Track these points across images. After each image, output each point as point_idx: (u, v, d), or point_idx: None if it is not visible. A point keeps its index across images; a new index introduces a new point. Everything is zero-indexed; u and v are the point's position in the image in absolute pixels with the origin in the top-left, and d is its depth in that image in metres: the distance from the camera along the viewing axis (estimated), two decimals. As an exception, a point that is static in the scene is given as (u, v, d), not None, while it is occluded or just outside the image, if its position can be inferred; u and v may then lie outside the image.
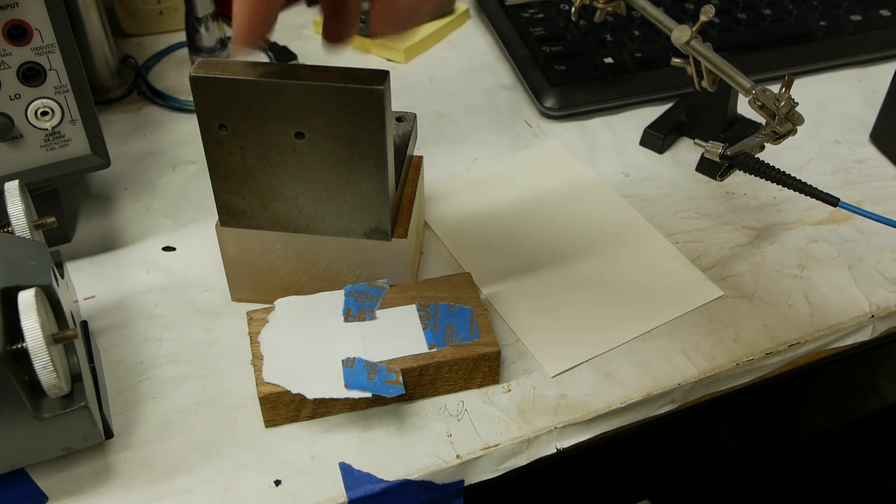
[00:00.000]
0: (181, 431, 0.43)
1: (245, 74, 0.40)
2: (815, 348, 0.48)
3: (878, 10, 0.69)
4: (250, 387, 0.44)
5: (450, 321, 0.44)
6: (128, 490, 0.40)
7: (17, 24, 0.43)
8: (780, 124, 0.47)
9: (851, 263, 0.51)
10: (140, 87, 0.67)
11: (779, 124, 0.47)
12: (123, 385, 0.45)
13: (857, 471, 0.87)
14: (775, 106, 0.47)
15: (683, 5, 0.69)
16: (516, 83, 0.67)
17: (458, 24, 0.74)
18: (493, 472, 0.43)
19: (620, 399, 0.44)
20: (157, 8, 0.72)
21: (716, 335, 0.47)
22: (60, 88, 0.46)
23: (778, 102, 0.47)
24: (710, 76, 0.52)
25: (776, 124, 0.47)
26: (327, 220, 0.45)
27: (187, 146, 0.61)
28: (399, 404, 0.44)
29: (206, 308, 0.49)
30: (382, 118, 0.40)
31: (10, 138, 0.46)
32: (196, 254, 0.52)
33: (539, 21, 0.68)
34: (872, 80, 0.66)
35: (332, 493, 0.40)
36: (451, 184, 0.57)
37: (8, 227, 0.40)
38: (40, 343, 0.34)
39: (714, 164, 0.51)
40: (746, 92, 0.49)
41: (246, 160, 0.43)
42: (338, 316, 0.44)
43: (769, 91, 0.48)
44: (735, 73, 0.50)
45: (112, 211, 0.56)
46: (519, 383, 0.45)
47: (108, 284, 0.50)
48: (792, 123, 0.47)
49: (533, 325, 0.47)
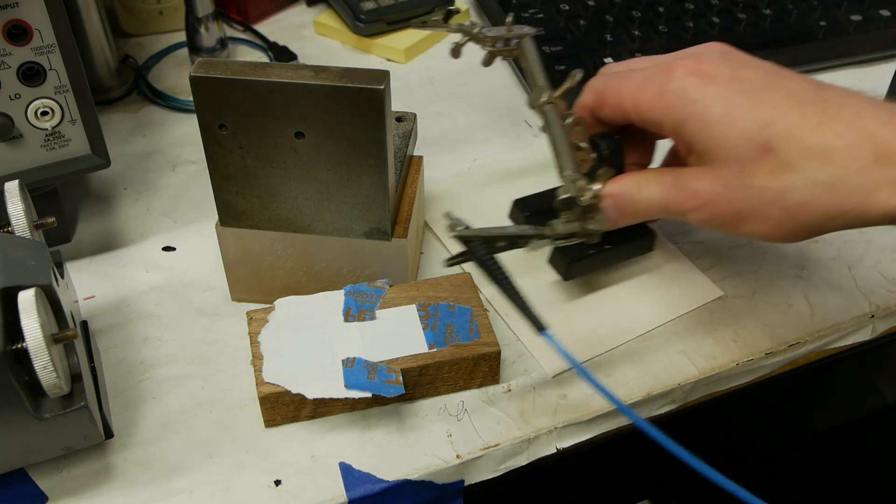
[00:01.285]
0: (181, 431, 0.43)
1: (245, 74, 0.40)
2: (815, 348, 0.48)
3: (878, 10, 0.69)
4: (250, 387, 0.44)
5: (450, 321, 0.44)
6: (128, 490, 0.40)
7: (17, 24, 0.43)
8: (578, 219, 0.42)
9: (851, 263, 0.51)
10: (140, 87, 0.67)
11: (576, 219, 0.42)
12: (123, 385, 0.45)
13: (857, 471, 0.87)
14: (579, 194, 0.41)
15: (683, 5, 0.69)
16: (516, 83, 0.67)
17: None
18: (493, 472, 0.43)
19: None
20: (157, 8, 0.72)
21: (716, 335, 0.47)
22: (60, 88, 0.46)
23: (580, 195, 0.41)
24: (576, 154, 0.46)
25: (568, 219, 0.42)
26: (327, 220, 0.45)
27: (187, 146, 0.61)
28: (399, 404, 0.44)
29: (206, 308, 0.49)
30: (382, 118, 0.40)
31: (10, 138, 0.46)
32: (196, 254, 0.52)
33: (539, 21, 0.68)
34: (872, 80, 0.66)
35: (332, 493, 0.40)
36: (451, 184, 0.57)
37: (8, 227, 0.40)
38: (40, 343, 0.34)
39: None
40: (560, 175, 0.43)
41: (246, 160, 0.43)
42: (338, 316, 0.44)
43: (583, 184, 0.42)
44: (567, 151, 0.44)
45: (112, 211, 0.56)
46: (519, 383, 0.45)
47: (108, 284, 0.50)
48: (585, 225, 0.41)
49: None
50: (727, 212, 0.39)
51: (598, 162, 0.45)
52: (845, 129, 0.36)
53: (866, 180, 0.36)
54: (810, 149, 0.36)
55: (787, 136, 0.37)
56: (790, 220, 0.37)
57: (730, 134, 0.38)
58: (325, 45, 0.72)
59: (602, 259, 0.48)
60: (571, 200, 0.41)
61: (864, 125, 0.36)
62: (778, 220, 0.38)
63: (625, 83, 0.42)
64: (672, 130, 0.41)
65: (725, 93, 0.39)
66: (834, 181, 0.36)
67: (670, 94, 0.40)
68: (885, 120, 0.36)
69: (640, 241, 0.49)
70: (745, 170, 0.38)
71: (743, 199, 0.38)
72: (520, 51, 0.48)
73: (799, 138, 0.37)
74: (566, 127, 0.44)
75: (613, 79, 0.43)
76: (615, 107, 0.43)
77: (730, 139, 0.38)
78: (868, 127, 0.36)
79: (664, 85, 0.40)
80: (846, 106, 0.37)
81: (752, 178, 0.37)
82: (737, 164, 0.38)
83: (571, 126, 0.44)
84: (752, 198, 0.38)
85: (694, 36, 0.67)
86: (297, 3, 0.77)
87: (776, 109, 0.37)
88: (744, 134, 0.38)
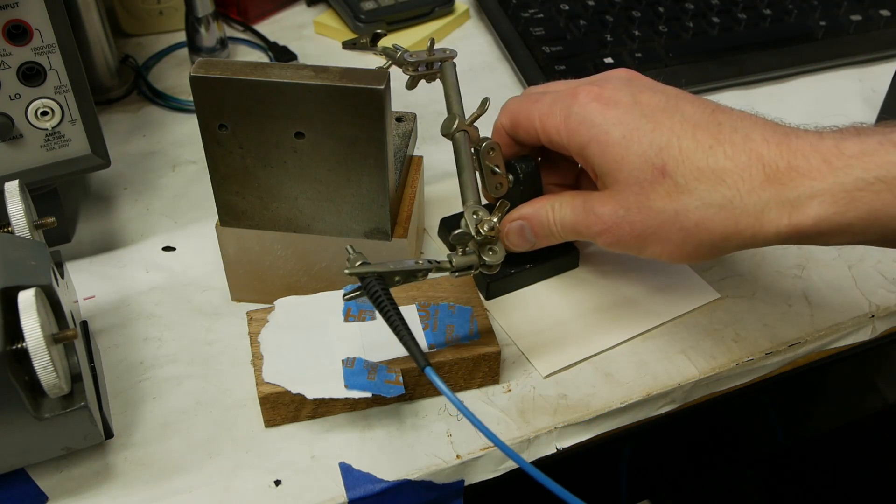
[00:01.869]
0: (181, 431, 0.43)
1: (245, 74, 0.40)
2: (815, 348, 0.48)
3: (878, 10, 0.69)
4: (250, 387, 0.44)
5: (450, 321, 0.44)
6: (128, 490, 0.40)
7: (17, 24, 0.43)
8: (476, 251, 0.41)
9: (851, 263, 0.51)
10: (140, 87, 0.67)
11: (474, 251, 0.41)
12: (123, 385, 0.45)
13: (857, 471, 0.87)
14: (477, 228, 0.40)
15: (683, 5, 0.69)
16: (516, 83, 0.67)
17: (458, 24, 0.74)
18: (492, 472, 0.43)
19: (620, 399, 0.44)
20: (157, 8, 0.72)
21: (716, 335, 0.47)
22: (60, 88, 0.46)
23: (479, 226, 0.40)
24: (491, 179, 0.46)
25: (466, 252, 0.41)
26: (327, 220, 0.45)
27: (187, 146, 0.61)
28: (399, 404, 0.44)
29: (206, 308, 0.49)
30: (382, 118, 0.40)
31: (10, 138, 0.46)
32: (196, 254, 0.52)
33: (539, 21, 0.68)
34: (872, 80, 0.66)
35: (332, 493, 0.40)
36: (452, 184, 0.57)
37: (8, 227, 0.40)
38: (40, 343, 0.34)
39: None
40: (463, 203, 0.43)
41: (246, 160, 0.43)
42: (338, 316, 0.44)
43: (483, 215, 0.41)
44: (471, 181, 0.43)
45: (112, 211, 0.56)
46: (519, 383, 0.45)
47: (108, 284, 0.50)
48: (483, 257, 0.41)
49: (525, 325, 0.47)
50: (630, 234, 0.40)
51: (515, 185, 0.46)
52: (735, 152, 0.37)
53: (756, 200, 0.36)
54: (702, 171, 0.37)
55: (682, 159, 0.38)
56: (689, 240, 0.38)
57: (628, 157, 0.39)
58: (325, 45, 0.72)
59: (523, 278, 0.49)
60: (465, 235, 0.41)
61: (753, 147, 0.37)
62: (678, 240, 0.39)
63: (535, 106, 0.43)
64: (577, 153, 0.42)
65: (625, 117, 0.40)
66: (725, 202, 0.37)
67: (573, 118, 0.41)
68: (775, 142, 0.37)
69: (563, 258, 0.50)
70: (644, 192, 0.39)
71: (643, 222, 0.39)
72: (441, 74, 0.48)
73: (692, 161, 0.38)
74: (482, 152, 0.45)
75: (526, 101, 0.44)
76: (528, 129, 0.44)
77: (628, 162, 0.39)
78: (757, 149, 0.37)
79: (567, 109, 0.41)
80: (738, 129, 0.38)
81: (651, 200, 0.39)
82: (636, 186, 0.39)
83: (486, 150, 0.45)
84: (652, 220, 0.39)
85: (694, 36, 0.67)
86: (297, 3, 0.77)
87: (672, 133, 0.38)
88: (641, 157, 0.39)
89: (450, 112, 0.46)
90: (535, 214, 0.43)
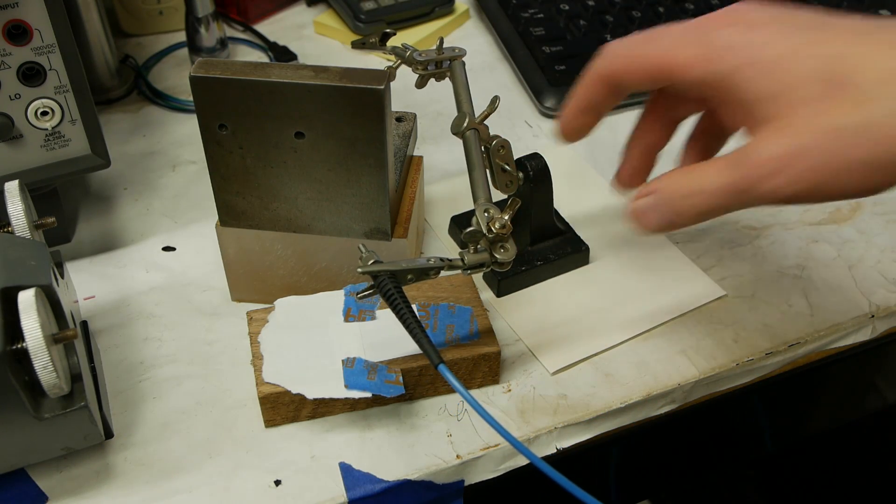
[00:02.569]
0: (181, 431, 0.43)
1: (245, 74, 0.40)
2: (815, 348, 0.48)
3: (878, 10, 0.69)
4: (250, 387, 0.44)
5: (450, 321, 0.44)
6: (128, 490, 0.40)
7: (17, 24, 0.43)
8: (488, 249, 0.40)
9: (851, 263, 0.51)
10: (140, 87, 0.67)
11: (486, 249, 0.40)
12: (123, 385, 0.45)
13: (857, 471, 0.87)
14: (488, 225, 0.39)
15: (683, 5, 0.69)
16: (516, 83, 0.67)
17: (458, 24, 0.74)
18: (493, 472, 0.43)
19: (620, 399, 0.44)
20: (157, 8, 0.72)
21: (716, 335, 0.47)
22: (60, 88, 0.46)
23: (490, 224, 0.39)
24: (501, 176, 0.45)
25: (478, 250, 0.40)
26: (327, 220, 0.45)
27: (187, 146, 0.61)
28: (399, 404, 0.44)
29: (206, 308, 0.49)
30: (382, 118, 0.40)
31: (10, 138, 0.46)
32: (196, 254, 0.52)
33: (539, 21, 0.68)
34: (872, 80, 0.66)
35: (332, 493, 0.40)
36: (452, 184, 0.57)
37: (8, 227, 0.40)
38: (40, 343, 0.34)
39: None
40: (475, 201, 0.42)
41: (246, 160, 0.43)
42: (338, 316, 0.44)
43: (494, 212, 0.40)
44: (482, 179, 0.42)
45: (112, 211, 0.56)
46: (519, 383, 0.45)
47: (108, 284, 0.50)
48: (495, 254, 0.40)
49: (533, 323, 0.47)
50: (812, 167, 0.33)
51: (525, 182, 0.45)
52: None
53: None
54: (891, 72, 0.32)
55: (860, 66, 0.33)
56: (884, 157, 0.32)
57: (795, 73, 0.33)
58: (325, 45, 0.72)
59: (534, 275, 0.49)
60: (477, 233, 0.40)
61: None
62: (870, 160, 0.32)
63: (655, 44, 0.38)
64: (715, 87, 0.36)
65: (776, 36, 0.34)
66: None
67: (716, 43, 0.35)
68: None
69: (573, 255, 0.50)
70: (819, 111, 0.33)
71: (825, 146, 0.33)
72: (451, 73, 0.48)
73: (874, 63, 0.32)
74: (492, 150, 0.44)
75: (640, 42, 0.39)
76: (642, 72, 0.38)
77: (795, 80, 0.33)
78: None
79: (704, 36, 0.36)
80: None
81: (831, 118, 0.33)
82: (807, 107, 0.33)
83: (496, 148, 0.44)
84: (835, 142, 0.33)
85: (694, 36, 0.67)
86: (297, 3, 0.77)
87: (838, 41, 0.33)
88: (811, 72, 0.33)
89: (459, 110, 0.45)
90: (667, 186, 0.37)
